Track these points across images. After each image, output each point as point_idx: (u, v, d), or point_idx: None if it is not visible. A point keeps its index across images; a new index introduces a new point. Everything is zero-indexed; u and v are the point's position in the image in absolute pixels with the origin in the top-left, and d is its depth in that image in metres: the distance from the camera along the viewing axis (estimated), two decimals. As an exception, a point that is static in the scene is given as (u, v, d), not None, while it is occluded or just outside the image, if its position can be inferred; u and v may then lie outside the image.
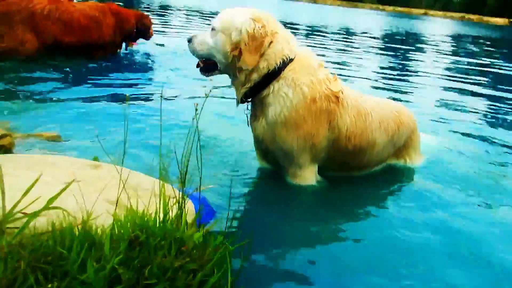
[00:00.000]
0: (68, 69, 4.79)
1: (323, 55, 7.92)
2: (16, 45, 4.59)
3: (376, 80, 6.55)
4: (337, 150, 2.46)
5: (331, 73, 2.45)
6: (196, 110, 1.38)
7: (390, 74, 7.37)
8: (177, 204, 1.37)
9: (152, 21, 6.01)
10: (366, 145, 2.55)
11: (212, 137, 3.16)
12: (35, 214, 1.25)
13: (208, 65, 2.41)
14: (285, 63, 2.27)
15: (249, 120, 2.49)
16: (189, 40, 2.40)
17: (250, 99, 2.40)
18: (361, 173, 2.74)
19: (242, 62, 2.22)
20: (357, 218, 2.38)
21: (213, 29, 2.32)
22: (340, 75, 2.55)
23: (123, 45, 5.77)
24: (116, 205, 1.34)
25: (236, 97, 2.43)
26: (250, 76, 2.27)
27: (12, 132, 2.75)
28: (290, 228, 2.18)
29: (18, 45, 4.59)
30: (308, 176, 2.48)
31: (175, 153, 1.51)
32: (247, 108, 2.48)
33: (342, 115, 2.38)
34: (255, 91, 2.32)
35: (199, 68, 2.47)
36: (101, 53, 5.27)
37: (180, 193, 1.43)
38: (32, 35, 4.64)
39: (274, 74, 2.27)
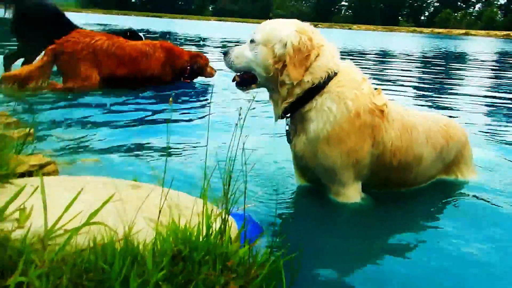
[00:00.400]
0: (109, 97, 4.94)
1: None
2: (81, 82, 4.93)
3: (418, 97, 6.40)
4: (382, 166, 2.34)
5: (374, 88, 2.35)
6: (240, 115, 1.32)
7: (432, 92, 7.17)
8: (219, 219, 1.30)
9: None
10: (412, 160, 2.42)
11: (253, 154, 3.13)
12: (76, 230, 1.22)
13: (245, 79, 2.32)
14: (330, 77, 2.18)
15: (289, 136, 2.41)
16: (225, 53, 2.34)
17: (289, 114, 2.32)
18: (409, 189, 2.60)
19: (286, 76, 2.15)
20: (405, 236, 2.21)
21: (252, 41, 2.23)
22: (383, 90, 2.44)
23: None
24: (158, 218, 1.29)
25: (274, 113, 2.35)
26: (293, 90, 2.18)
27: (56, 160, 2.84)
28: (335, 245, 2.06)
29: (84, 81, 4.94)
30: (352, 194, 2.35)
31: (219, 171, 1.47)
32: (287, 124, 2.39)
33: (387, 129, 2.27)
34: (296, 106, 2.23)
35: (234, 82, 2.38)
36: (152, 84, 5.48)
37: (223, 209, 1.37)
38: (94, 70, 5.00)
39: (318, 88, 2.18)
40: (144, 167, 2.74)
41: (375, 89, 2.34)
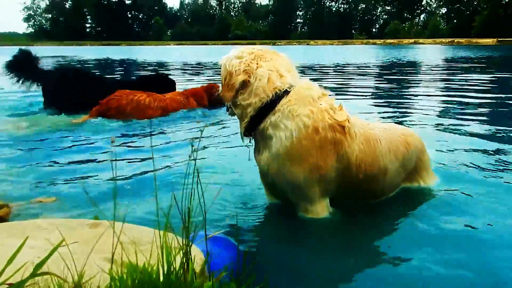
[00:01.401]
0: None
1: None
2: None
3: (378, 105, 6.55)
4: (348, 180, 2.35)
5: (337, 102, 2.36)
6: (192, 146, 1.25)
7: (388, 101, 7.35)
8: (181, 253, 1.21)
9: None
10: (377, 172, 2.46)
11: (217, 174, 3.17)
12: (21, 284, 1.09)
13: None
14: (278, 96, 2.23)
15: (253, 154, 2.44)
16: None
17: (252, 133, 2.37)
18: (376, 200, 2.63)
19: (223, 97, 2.34)
20: (376, 248, 2.20)
21: None
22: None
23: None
24: (112, 262, 1.18)
25: (240, 133, 2.42)
26: (246, 111, 2.29)
27: (8, 202, 2.66)
28: (305, 264, 2.02)
29: None
30: (320, 210, 2.36)
31: (175, 200, 1.39)
32: (249, 142, 2.43)
33: (350, 144, 2.29)
34: (253, 125, 2.30)
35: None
36: None
37: (184, 239, 1.28)
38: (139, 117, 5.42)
39: (268, 107, 2.24)
40: (107, 203, 2.60)
41: (337, 103, 2.35)
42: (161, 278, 1.11)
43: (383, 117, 5.64)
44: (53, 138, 4.58)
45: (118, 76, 13.90)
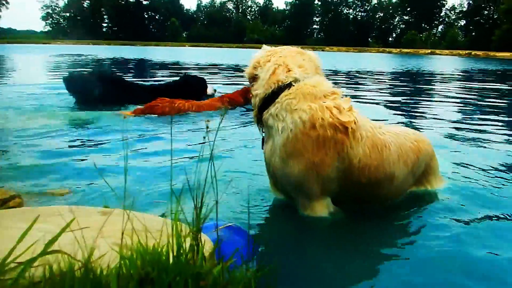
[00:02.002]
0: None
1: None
2: None
3: (392, 109, 6.51)
4: (350, 182, 2.32)
5: (351, 102, 2.34)
6: (208, 127, 1.24)
7: (402, 106, 7.32)
8: (191, 236, 1.20)
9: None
10: (383, 178, 2.41)
11: (230, 165, 3.22)
12: (30, 261, 1.09)
13: None
14: (280, 88, 2.29)
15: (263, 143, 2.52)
16: None
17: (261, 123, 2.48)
18: (381, 205, 2.59)
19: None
20: (378, 249, 2.18)
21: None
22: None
23: None
24: (121, 241, 1.18)
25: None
26: (255, 100, 2.42)
27: (21, 193, 2.68)
28: (310, 261, 2.02)
29: None
30: (318, 208, 2.33)
31: (189, 189, 1.39)
32: (262, 132, 2.50)
33: (353, 146, 2.25)
34: (261, 115, 2.40)
35: None
36: None
37: (194, 225, 1.28)
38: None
39: (270, 99, 2.32)
40: (118, 193, 2.62)
41: (349, 105, 2.32)
42: (171, 260, 1.10)
43: (396, 121, 5.61)
44: (73, 132, 4.66)
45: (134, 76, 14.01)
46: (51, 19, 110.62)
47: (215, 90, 7.10)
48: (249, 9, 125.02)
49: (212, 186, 1.34)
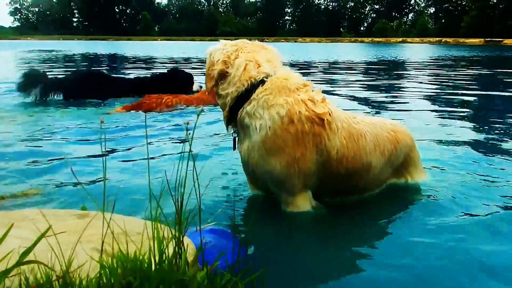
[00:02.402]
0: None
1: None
2: None
3: (368, 102, 6.58)
4: (329, 174, 2.32)
5: (322, 93, 2.32)
6: (188, 130, 1.21)
7: (378, 97, 7.40)
8: (173, 241, 1.17)
9: None
10: (360, 168, 2.41)
11: (207, 165, 3.15)
12: (5, 273, 1.04)
13: None
14: (254, 85, 2.23)
15: (235, 144, 2.45)
16: None
17: (233, 123, 2.40)
18: (360, 196, 2.59)
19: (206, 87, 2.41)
20: (360, 243, 2.19)
21: None
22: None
23: None
24: (102, 249, 1.14)
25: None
26: (225, 100, 2.32)
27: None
28: (294, 258, 2.01)
29: None
30: (301, 203, 2.33)
31: (169, 189, 1.36)
32: (234, 132, 2.43)
33: (330, 138, 2.24)
34: (233, 114, 2.32)
35: None
36: None
37: (176, 230, 1.24)
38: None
39: (244, 97, 2.26)
40: (95, 194, 2.55)
41: (322, 95, 2.32)
42: (153, 267, 1.07)
43: (371, 112, 5.66)
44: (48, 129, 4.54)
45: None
46: (19, 14, 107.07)
47: (200, 87, 7.02)
48: (221, 1, 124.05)
49: (193, 186, 1.31)
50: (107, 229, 1.21)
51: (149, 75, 7.36)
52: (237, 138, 2.42)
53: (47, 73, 6.70)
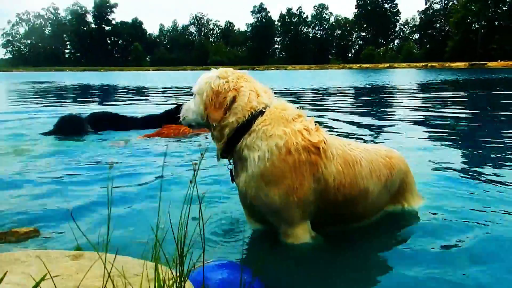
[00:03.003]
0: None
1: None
2: None
3: (359, 127, 6.60)
4: (327, 202, 2.30)
5: (315, 122, 2.33)
6: (195, 171, 1.18)
7: (370, 120, 7.46)
8: (175, 286, 1.12)
9: None
10: (357, 194, 2.40)
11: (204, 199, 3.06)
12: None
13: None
14: (254, 116, 2.22)
15: (232, 176, 2.41)
16: (180, 108, 2.54)
17: (229, 155, 2.36)
18: (359, 224, 2.56)
19: (209, 117, 2.28)
20: (358, 274, 2.17)
21: (193, 93, 2.40)
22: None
23: None
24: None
25: (216, 153, 2.40)
26: (223, 131, 2.27)
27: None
28: None
29: None
30: (301, 234, 2.30)
31: (171, 227, 1.32)
32: (230, 164, 2.39)
33: (326, 166, 2.24)
34: (230, 146, 2.27)
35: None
36: None
37: (178, 272, 1.20)
38: None
39: (244, 127, 2.22)
40: (90, 233, 2.47)
41: (315, 124, 2.33)
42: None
43: (364, 138, 5.67)
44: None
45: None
46: (11, 46, 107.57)
47: None
48: (211, 31, 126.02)
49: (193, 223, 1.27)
50: (108, 274, 1.16)
51: (162, 110, 7.58)
52: (233, 170, 2.39)
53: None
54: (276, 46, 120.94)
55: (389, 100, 12.80)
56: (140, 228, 2.62)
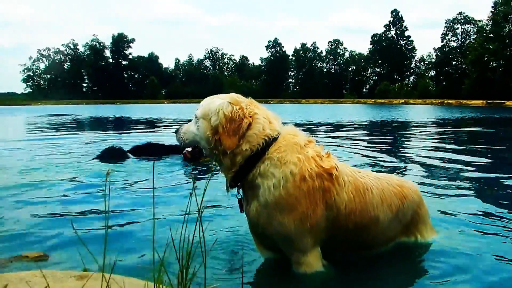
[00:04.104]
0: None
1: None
2: None
3: (372, 162, 6.51)
4: (338, 229, 2.27)
5: (324, 151, 2.31)
6: (194, 183, 1.15)
7: (384, 156, 7.36)
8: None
9: None
10: (368, 222, 2.36)
11: (211, 225, 3.10)
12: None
13: (194, 153, 2.42)
14: (268, 143, 2.18)
15: (243, 205, 2.35)
16: (176, 131, 2.46)
17: (239, 184, 2.28)
18: (369, 253, 2.52)
19: (222, 145, 2.18)
20: None
21: (196, 116, 2.31)
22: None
23: None
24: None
25: (225, 183, 2.31)
26: (235, 159, 2.19)
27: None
28: None
29: None
30: (314, 262, 2.24)
31: (175, 249, 1.29)
32: (239, 193, 2.32)
33: (338, 193, 2.21)
34: (242, 174, 2.20)
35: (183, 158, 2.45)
36: None
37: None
38: None
39: (258, 155, 2.17)
40: (97, 254, 2.45)
41: (326, 152, 2.30)
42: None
43: (378, 169, 5.59)
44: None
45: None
46: (31, 81, 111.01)
47: None
48: (226, 65, 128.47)
49: (198, 245, 1.24)
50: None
51: None
52: (242, 199, 2.34)
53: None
54: (290, 80, 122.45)
55: (404, 135, 12.70)
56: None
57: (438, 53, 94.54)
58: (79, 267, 2.28)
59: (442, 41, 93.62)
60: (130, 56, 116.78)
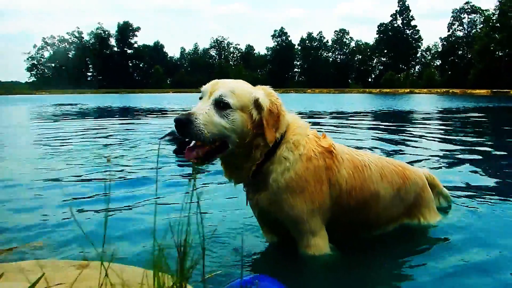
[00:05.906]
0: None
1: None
2: None
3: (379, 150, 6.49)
4: (340, 208, 2.33)
5: (318, 131, 2.43)
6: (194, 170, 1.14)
7: (388, 146, 7.34)
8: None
9: None
10: (369, 198, 2.42)
11: (214, 214, 3.13)
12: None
13: (207, 153, 2.07)
14: (282, 135, 2.24)
15: (249, 196, 2.36)
16: (186, 121, 1.99)
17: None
18: (372, 233, 2.58)
19: (267, 139, 2.10)
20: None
21: (224, 106, 2.06)
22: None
23: None
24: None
25: (236, 177, 2.29)
26: (264, 150, 2.17)
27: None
28: None
29: None
30: (322, 244, 2.29)
31: (173, 236, 1.29)
32: (244, 186, 2.36)
33: (339, 169, 2.29)
34: (262, 165, 2.22)
35: (183, 156, 2.15)
36: None
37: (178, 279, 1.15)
38: None
39: (277, 142, 2.21)
40: (97, 244, 2.46)
41: (322, 133, 2.41)
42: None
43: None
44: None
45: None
46: (36, 69, 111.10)
47: None
48: (232, 55, 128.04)
49: (198, 235, 1.25)
50: (104, 279, 1.13)
51: None
52: (248, 190, 2.36)
53: None
54: (296, 69, 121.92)
55: (410, 123, 12.64)
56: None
57: (444, 43, 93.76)
58: (80, 257, 2.31)
59: (449, 31, 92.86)
60: (135, 45, 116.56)
